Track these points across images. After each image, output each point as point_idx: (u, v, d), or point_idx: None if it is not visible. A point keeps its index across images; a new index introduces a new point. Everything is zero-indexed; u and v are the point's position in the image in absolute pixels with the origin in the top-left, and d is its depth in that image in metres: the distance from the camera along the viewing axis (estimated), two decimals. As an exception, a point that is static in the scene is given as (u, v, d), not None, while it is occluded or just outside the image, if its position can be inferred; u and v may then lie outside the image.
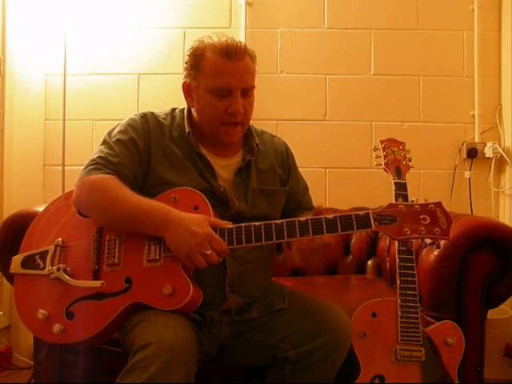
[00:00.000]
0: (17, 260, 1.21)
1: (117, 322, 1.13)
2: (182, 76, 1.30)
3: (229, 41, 1.24)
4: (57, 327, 1.12)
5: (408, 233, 1.06)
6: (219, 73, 1.21)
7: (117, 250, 1.17)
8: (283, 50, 2.36)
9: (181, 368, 1.00)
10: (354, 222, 1.08)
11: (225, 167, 1.31)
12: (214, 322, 1.23)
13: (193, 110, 1.31)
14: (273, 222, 1.11)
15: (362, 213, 1.09)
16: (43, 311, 1.14)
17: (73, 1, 2.32)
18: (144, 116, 1.31)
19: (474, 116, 2.35)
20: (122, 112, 2.35)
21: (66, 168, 2.30)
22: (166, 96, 2.36)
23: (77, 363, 1.40)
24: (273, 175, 1.38)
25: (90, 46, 2.37)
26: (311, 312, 1.22)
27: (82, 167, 1.23)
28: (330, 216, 1.09)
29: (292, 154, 1.47)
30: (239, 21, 2.36)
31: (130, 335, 1.09)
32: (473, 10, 2.35)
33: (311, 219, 1.09)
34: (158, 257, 1.13)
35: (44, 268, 1.18)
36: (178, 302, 1.09)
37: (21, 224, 1.34)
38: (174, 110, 1.37)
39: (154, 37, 2.37)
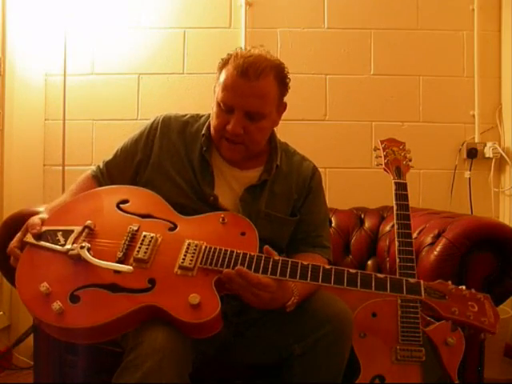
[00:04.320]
0: None
1: (124, 323, 1.02)
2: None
3: (253, 58, 1.20)
4: (57, 304, 1.00)
5: (456, 313, 1.02)
6: (228, 88, 1.19)
7: (150, 247, 1.10)
8: (283, 49, 2.36)
9: (174, 367, 1.00)
10: (404, 286, 1.05)
11: (238, 178, 1.30)
12: None
13: None
14: (321, 265, 1.08)
15: (412, 280, 1.06)
16: (47, 285, 1.03)
17: (73, 0, 2.32)
18: (154, 120, 1.36)
19: (474, 116, 2.35)
20: (122, 112, 2.36)
21: (66, 168, 2.30)
22: (166, 96, 2.36)
23: (77, 363, 1.39)
24: (286, 202, 1.33)
25: (89, 45, 2.37)
26: (309, 304, 1.21)
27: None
28: (381, 275, 1.07)
29: (318, 181, 1.40)
30: (239, 21, 2.36)
31: (126, 333, 1.09)
32: (473, 9, 2.34)
33: (361, 273, 1.06)
34: (192, 265, 1.07)
35: (64, 245, 1.09)
36: (202, 315, 1.00)
37: (21, 224, 1.34)
38: (198, 113, 1.39)
39: (154, 37, 2.37)
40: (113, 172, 1.36)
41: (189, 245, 1.11)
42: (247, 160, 1.30)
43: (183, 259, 1.08)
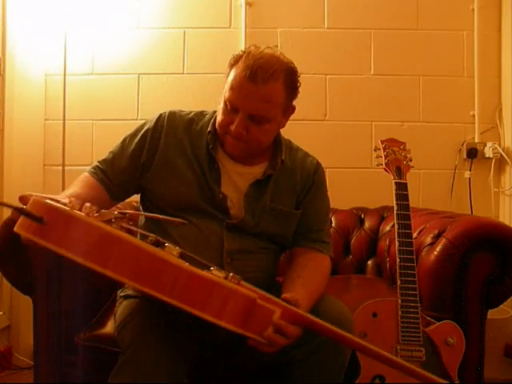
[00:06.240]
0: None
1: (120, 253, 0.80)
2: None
3: (264, 60, 1.19)
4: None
5: None
6: (234, 88, 1.18)
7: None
8: (283, 50, 2.32)
9: (170, 365, 1.00)
10: None
11: (242, 175, 1.29)
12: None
13: None
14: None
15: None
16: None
17: (73, 0, 2.32)
18: (159, 116, 1.33)
19: (474, 116, 2.35)
20: (122, 112, 2.36)
21: (66, 168, 2.30)
22: (166, 96, 2.36)
23: (77, 363, 1.40)
24: (290, 196, 1.32)
25: (89, 45, 2.37)
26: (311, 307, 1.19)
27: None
28: None
29: (322, 176, 1.39)
30: (239, 21, 2.36)
31: (122, 332, 1.09)
32: (473, 10, 2.35)
33: None
34: (223, 274, 0.90)
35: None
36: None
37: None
38: (203, 111, 1.38)
39: (154, 37, 2.37)
40: (117, 173, 1.30)
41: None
42: (252, 156, 1.30)
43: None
